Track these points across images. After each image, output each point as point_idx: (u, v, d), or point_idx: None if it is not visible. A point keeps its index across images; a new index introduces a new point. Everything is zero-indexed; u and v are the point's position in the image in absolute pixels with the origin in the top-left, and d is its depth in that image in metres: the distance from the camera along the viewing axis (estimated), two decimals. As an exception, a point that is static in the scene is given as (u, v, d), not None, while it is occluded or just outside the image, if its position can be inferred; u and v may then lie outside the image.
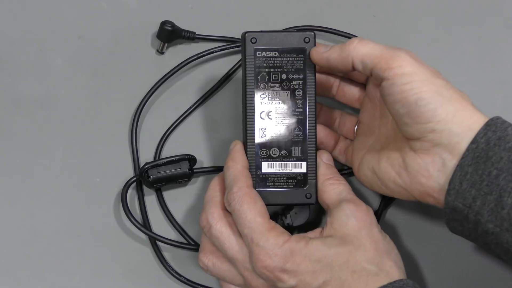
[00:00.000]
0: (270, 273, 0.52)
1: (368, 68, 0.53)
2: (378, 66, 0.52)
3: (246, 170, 0.56)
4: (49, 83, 0.66)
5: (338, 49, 0.54)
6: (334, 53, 0.54)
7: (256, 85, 0.57)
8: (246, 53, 0.56)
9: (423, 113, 0.50)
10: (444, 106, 0.50)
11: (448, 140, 0.50)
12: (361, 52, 0.53)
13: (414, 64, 0.51)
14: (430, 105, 0.50)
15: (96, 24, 0.68)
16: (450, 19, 0.69)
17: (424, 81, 0.51)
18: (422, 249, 0.62)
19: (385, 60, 0.51)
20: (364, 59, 0.53)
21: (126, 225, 0.62)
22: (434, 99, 0.50)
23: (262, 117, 0.57)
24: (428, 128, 0.50)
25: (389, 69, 0.51)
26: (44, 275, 0.61)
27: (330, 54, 0.55)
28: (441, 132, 0.50)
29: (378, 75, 0.52)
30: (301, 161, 0.57)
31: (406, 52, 0.52)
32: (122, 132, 0.65)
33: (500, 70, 0.68)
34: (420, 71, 0.51)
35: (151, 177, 0.60)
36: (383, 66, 0.51)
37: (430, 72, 0.52)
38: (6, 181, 0.64)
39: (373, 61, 0.52)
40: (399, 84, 0.51)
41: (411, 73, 0.51)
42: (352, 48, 0.53)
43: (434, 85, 0.51)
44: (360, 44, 0.53)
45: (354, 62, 0.53)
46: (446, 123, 0.50)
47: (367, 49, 0.53)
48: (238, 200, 0.53)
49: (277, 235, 0.52)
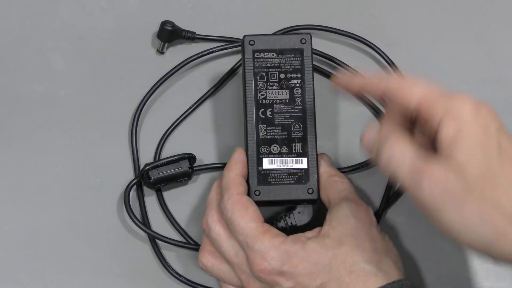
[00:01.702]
0: (267, 276, 0.51)
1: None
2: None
3: (239, 177, 0.56)
4: (49, 83, 0.66)
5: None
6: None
7: (256, 85, 0.58)
8: (245, 55, 0.58)
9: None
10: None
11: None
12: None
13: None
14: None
15: (96, 24, 0.68)
16: (450, 19, 0.69)
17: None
18: (422, 249, 0.62)
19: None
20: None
21: (126, 225, 0.62)
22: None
23: (262, 115, 0.57)
24: None
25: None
26: (44, 275, 0.61)
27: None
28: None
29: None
30: (302, 157, 0.57)
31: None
32: (122, 132, 0.65)
33: (500, 70, 0.68)
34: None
35: (152, 178, 0.60)
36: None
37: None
38: (6, 181, 0.64)
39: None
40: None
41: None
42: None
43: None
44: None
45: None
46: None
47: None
48: (230, 208, 0.53)
49: (272, 236, 0.52)
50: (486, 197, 0.43)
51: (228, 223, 0.54)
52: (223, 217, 0.54)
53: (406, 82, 0.48)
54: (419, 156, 0.45)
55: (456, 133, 0.44)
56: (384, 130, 0.49)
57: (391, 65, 0.66)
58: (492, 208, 0.43)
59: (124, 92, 0.66)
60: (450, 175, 0.44)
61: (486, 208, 0.43)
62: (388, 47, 0.67)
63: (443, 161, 0.44)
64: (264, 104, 0.58)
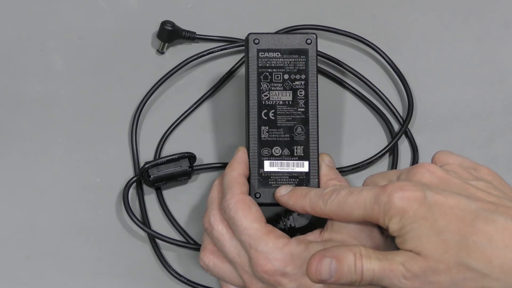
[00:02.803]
0: (270, 277, 0.51)
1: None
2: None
3: (242, 177, 0.56)
4: (49, 83, 0.66)
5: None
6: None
7: (259, 85, 0.57)
8: (249, 54, 0.57)
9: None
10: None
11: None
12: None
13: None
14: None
15: (96, 24, 0.68)
16: (450, 19, 0.69)
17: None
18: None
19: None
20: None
21: (126, 225, 0.62)
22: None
23: (265, 116, 0.57)
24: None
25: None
26: (44, 275, 0.61)
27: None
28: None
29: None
30: (303, 160, 0.57)
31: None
32: (122, 132, 0.65)
33: (500, 70, 0.68)
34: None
35: (152, 176, 0.60)
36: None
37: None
38: (6, 181, 0.63)
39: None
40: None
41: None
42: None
43: None
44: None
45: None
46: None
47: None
48: (232, 207, 0.53)
49: (276, 238, 0.52)
50: (450, 266, 0.45)
51: (230, 222, 0.54)
52: (224, 216, 0.54)
53: (340, 205, 0.50)
54: (382, 258, 0.47)
55: (400, 230, 0.46)
56: (343, 246, 0.49)
57: (391, 65, 0.66)
58: (460, 272, 0.45)
59: (124, 92, 0.66)
60: (415, 262, 0.46)
61: (455, 274, 0.45)
62: (388, 47, 0.67)
63: (404, 252, 0.46)
64: (267, 105, 0.57)
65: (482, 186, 0.48)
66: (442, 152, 0.53)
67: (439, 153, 0.53)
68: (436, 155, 0.53)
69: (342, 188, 0.51)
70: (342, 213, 0.50)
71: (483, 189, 0.48)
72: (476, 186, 0.48)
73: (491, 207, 0.46)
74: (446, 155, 0.52)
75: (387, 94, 0.66)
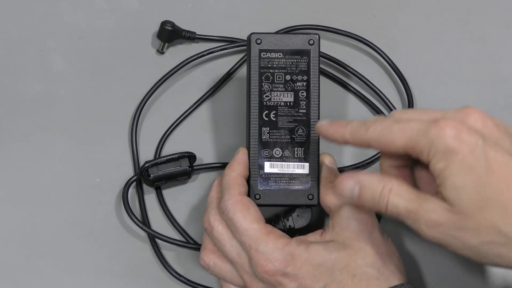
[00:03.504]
0: (271, 278, 0.51)
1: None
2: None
3: (240, 177, 0.55)
4: (49, 83, 0.66)
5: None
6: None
7: (260, 86, 0.57)
8: (251, 54, 0.57)
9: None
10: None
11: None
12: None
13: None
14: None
15: (96, 24, 0.68)
16: (450, 19, 0.69)
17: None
18: (423, 249, 0.62)
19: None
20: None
21: (126, 225, 0.62)
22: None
23: (266, 117, 0.57)
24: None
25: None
26: (44, 275, 0.61)
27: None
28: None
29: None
30: (303, 162, 0.57)
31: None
32: (122, 132, 0.65)
33: (500, 70, 0.68)
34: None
35: (152, 175, 0.60)
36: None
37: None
38: (6, 181, 0.63)
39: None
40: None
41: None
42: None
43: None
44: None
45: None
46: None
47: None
48: (231, 208, 0.53)
49: (276, 238, 0.52)
50: (481, 226, 0.44)
51: (229, 223, 0.54)
52: (223, 217, 0.54)
53: (384, 131, 0.48)
54: (413, 199, 0.46)
55: (442, 171, 0.44)
56: (374, 178, 0.48)
57: (391, 65, 0.66)
58: (489, 235, 0.44)
59: (124, 92, 0.66)
60: (443, 214, 0.44)
61: (483, 236, 0.44)
62: (388, 47, 0.67)
63: (436, 201, 0.45)
64: (268, 106, 0.57)
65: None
66: (473, 108, 0.48)
67: (471, 108, 0.48)
68: (472, 107, 0.48)
69: (387, 118, 0.48)
70: (384, 140, 0.47)
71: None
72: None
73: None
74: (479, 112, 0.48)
75: (387, 94, 0.66)
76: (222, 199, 0.54)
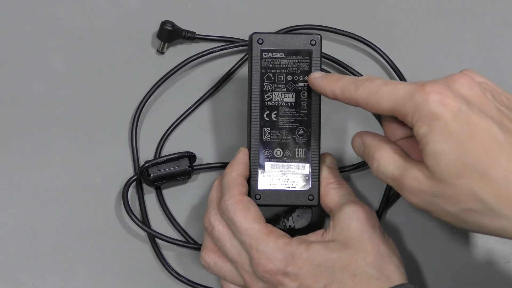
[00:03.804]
0: (272, 277, 0.51)
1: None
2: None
3: (241, 177, 0.55)
4: (49, 83, 0.66)
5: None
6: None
7: (262, 86, 0.57)
8: (252, 54, 0.57)
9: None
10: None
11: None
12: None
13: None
14: None
15: (96, 24, 0.68)
16: (450, 19, 0.69)
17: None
18: (423, 249, 0.62)
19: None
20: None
21: (126, 225, 0.62)
22: None
23: (267, 117, 0.57)
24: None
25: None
26: (44, 275, 0.61)
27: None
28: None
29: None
30: (304, 163, 0.57)
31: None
32: (122, 132, 0.65)
33: (500, 70, 0.68)
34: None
35: (152, 175, 0.60)
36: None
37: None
38: (6, 181, 0.63)
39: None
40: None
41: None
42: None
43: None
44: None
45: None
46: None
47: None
48: (231, 208, 0.53)
49: (277, 238, 0.52)
50: (459, 193, 0.43)
51: (229, 223, 0.54)
52: (223, 217, 0.54)
53: (373, 92, 0.48)
54: (399, 166, 0.47)
55: (424, 136, 0.45)
56: (373, 141, 0.51)
57: (391, 65, 0.66)
58: (468, 202, 0.44)
59: (124, 92, 0.66)
60: (423, 181, 0.45)
61: (462, 203, 0.44)
62: (388, 47, 0.67)
63: (419, 167, 0.45)
64: (270, 106, 0.57)
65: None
66: (470, 71, 0.49)
67: (467, 71, 0.48)
68: (465, 72, 0.48)
69: (378, 78, 0.49)
70: (371, 100, 0.48)
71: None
72: (508, 116, 0.46)
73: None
74: (475, 74, 0.49)
75: (387, 94, 0.66)
76: (223, 199, 0.54)
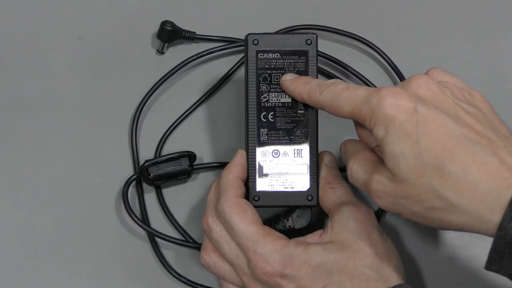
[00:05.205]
0: (269, 279, 0.51)
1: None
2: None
3: (237, 180, 0.55)
4: (49, 83, 0.66)
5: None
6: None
7: (258, 87, 0.57)
8: (248, 55, 0.57)
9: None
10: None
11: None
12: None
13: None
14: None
15: (96, 24, 0.68)
16: (450, 19, 0.69)
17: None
18: (422, 250, 0.62)
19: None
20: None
21: (126, 224, 0.62)
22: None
23: (264, 119, 0.57)
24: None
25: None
26: (44, 275, 0.61)
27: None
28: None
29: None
30: (302, 163, 0.56)
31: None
32: (122, 132, 0.65)
33: (500, 70, 0.68)
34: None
35: (152, 174, 0.60)
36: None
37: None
38: (6, 181, 0.64)
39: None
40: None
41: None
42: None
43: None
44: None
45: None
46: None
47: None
48: (227, 211, 0.53)
49: (274, 240, 0.52)
50: (421, 192, 0.44)
51: (226, 226, 0.54)
52: (220, 219, 0.54)
53: (335, 97, 0.50)
54: (367, 172, 0.48)
55: (382, 139, 0.46)
56: (351, 147, 0.52)
57: (391, 65, 0.66)
58: (430, 200, 0.44)
59: (124, 92, 0.66)
60: (387, 184, 0.46)
61: (425, 202, 0.44)
62: (388, 47, 0.67)
63: (383, 171, 0.46)
64: (266, 107, 0.56)
65: (472, 111, 0.46)
66: (436, 69, 0.50)
67: (433, 70, 0.50)
68: (430, 71, 0.50)
69: (342, 83, 0.50)
70: (334, 105, 0.49)
71: (473, 115, 0.46)
72: (466, 110, 0.46)
73: (475, 137, 0.44)
74: (440, 72, 0.50)
75: (387, 94, 0.66)
76: (219, 202, 0.54)
